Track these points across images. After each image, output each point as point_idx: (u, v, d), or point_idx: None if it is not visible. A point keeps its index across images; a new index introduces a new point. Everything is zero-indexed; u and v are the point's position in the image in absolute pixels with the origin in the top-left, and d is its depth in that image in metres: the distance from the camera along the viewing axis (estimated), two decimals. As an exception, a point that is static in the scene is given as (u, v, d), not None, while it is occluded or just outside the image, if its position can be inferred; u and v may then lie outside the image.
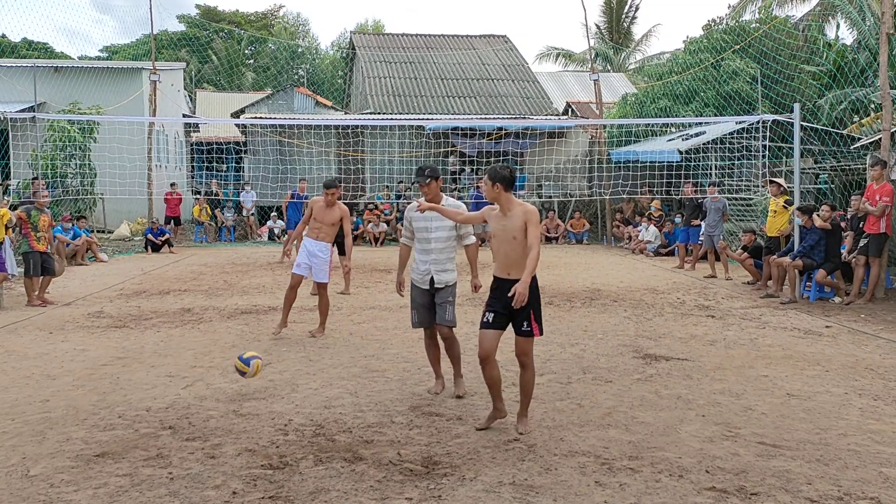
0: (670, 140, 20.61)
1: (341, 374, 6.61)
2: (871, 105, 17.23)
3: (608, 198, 20.70)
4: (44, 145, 18.77)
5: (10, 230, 11.25)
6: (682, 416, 5.35)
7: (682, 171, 17.82)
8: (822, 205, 10.71)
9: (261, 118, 23.44)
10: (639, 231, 18.71)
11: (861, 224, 10.68)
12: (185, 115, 26.36)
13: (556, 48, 42.82)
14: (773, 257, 11.30)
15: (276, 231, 21.65)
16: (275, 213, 21.81)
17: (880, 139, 11.21)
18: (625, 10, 43.86)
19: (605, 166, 21.07)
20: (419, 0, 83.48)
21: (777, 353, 7.42)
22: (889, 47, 11.32)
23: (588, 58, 30.02)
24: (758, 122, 15.12)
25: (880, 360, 7.09)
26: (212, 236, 22.14)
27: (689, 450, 4.65)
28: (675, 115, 20.87)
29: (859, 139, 14.07)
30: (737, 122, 16.92)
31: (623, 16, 43.93)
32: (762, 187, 14.82)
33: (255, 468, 4.37)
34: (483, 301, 5.35)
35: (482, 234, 16.05)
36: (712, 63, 20.78)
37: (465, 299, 9.93)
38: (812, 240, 10.52)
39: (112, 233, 20.65)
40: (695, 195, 14.88)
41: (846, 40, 20.59)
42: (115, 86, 21.82)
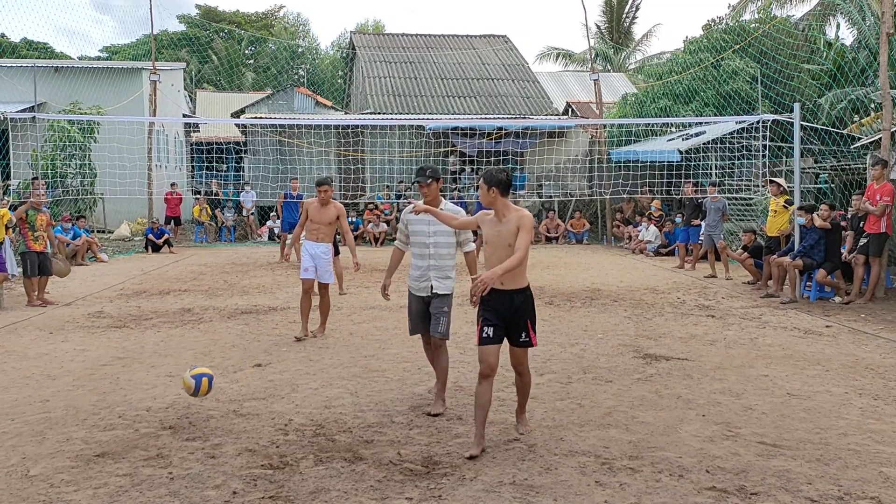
0: (670, 140, 20.61)
1: (341, 374, 6.61)
2: (871, 105, 17.21)
3: (608, 198, 20.70)
4: (44, 145, 18.79)
5: (11, 230, 11.26)
6: (683, 415, 5.35)
7: (683, 171, 17.83)
8: (821, 204, 10.71)
9: (261, 118, 23.45)
10: (639, 231, 18.71)
11: (861, 223, 10.67)
12: (185, 115, 26.36)
13: (557, 48, 42.86)
14: (774, 257, 11.30)
15: (276, 231, 21.62)
16: (274, 213, 21.78)
17: (880, 139, 11.21)
18: (625, 10, 43.89)
19: (605, 166, 21.07)
20: (419, 0, 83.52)
21: (777, 352, 7.42)
22: (889, 47, 11.31)
23: (588, 58, 30.02)
24: (758, 122, 15.13)
25: (880, 360, 7.09)
26: (212, 236, 22.15)
27: (690, 449, 4.65)
28: (675, 115, 20.86)
29: (859, 139, 14.06)
30: (737, 122, 16.92)
31: (623, 16, 43.95)
32: (762, 187, 14.82)
33: (255, 468, 4.37)
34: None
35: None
36: (712, 63, 20.78)
37: (465, 299, 9.91)
38: (812, 239, 10.52)
39: (112, 233, 20.65)
40: (695, 195, 14.88)
41: (846, 40, 20.59)
42: (116, 86, 21.82)
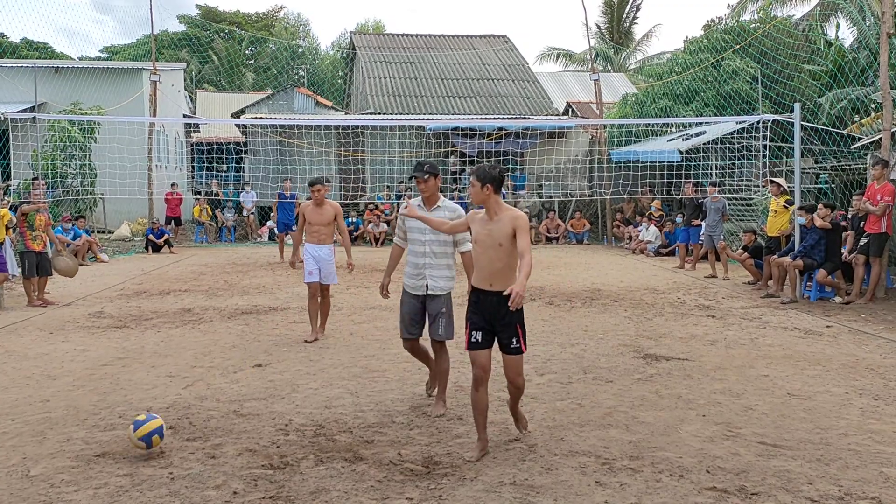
0: (671, 140, 20.61)
1: (342, 374, 6.61)
2: (871, 105, 17.21)
3: (608, 198, 20.70)
4: (44, 146, 18.79)
5: (11, 230, 11.27)
6: (683, 415, 5.35)
7: (683, 171, 17.82)
8: (819, 205, 10.71)
9: (261, 118, 23.45)
10: (639, 231, 18.71)
11: (862, 223, 10.67)
12: (185, 116, 26.37)
13: (557, 48, 42.88)
14: (774, 257, 11.30)
15: (276, 231, 21.61)
16: (274, 213, 21.77)
17: (881, 139, 11.21)
18: (625, 11, 43.89)
19: (605, 166, 21.07)
20: (419, 0, 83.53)
21: (777, 352, 7.42)
22: (889, 47, 11.31)
23: (588, 58, 30.02)
24: (758, 122, 15.12)
25: (881, 360, 7.09)
26: (212, 236, 22.15)
27: (690, 450, 4.65)
28: (676, 115, 20.86)
29: (860, 139, 14.05)
30: (737, 122, 16.92)
31: (623, 16, 43.96)
32: (762, 187, 14.82)
33: (255, 468, 4.37)
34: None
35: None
36: (712, 63, 20.78)
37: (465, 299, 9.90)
38: (812, 239, 10.52)
39: (112, 233, 20.66)
40: (695, 195, 14.88)
41: (846, 40, 20.59)
42: (116, 86, 21.83)
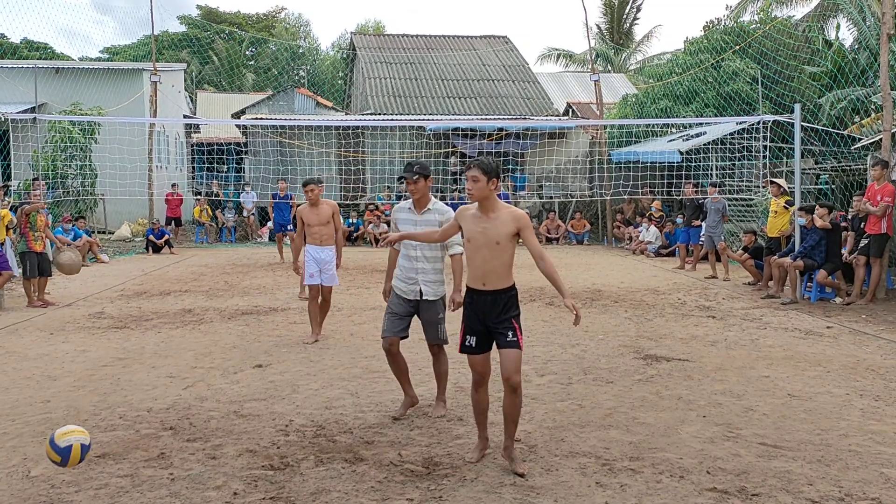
0: (671, 141, 20.62)
1: (342, 374, 6.61)
2: (871, 105, 17.21)
3: (609, 198, 20.70)
4: (45, 146, 18.79)
5: (11, 231, 11.27)
6: (683, 416, 5.35)
7: (683, 172, 17.83)
8: (816, 205, 10.71)
9: (261, 119, 23.45)
10: (639, 232, 18.71)
11: (862, 224, 10.67)
12: (185, 116, 26.37)
13: (557, 49, 42.85)
14: (774, 258, 11.30)
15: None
16: (271, 215, 21.76)
17: (881, 139, 11.21)
18: (625, 11, 43.89)
19: (605, 167, 21.07)
20: (420, 1, 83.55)
21: (778, 353, 7.42)
22: (889, 48, 11.30)
23: (589, 58, 30.01)
24: (758, 123, 15.13)
25: (881, 361, 7.08)
26: (212, 237, 22.15)
27: (690, 450, 4.65)
28: (676, 116, 20.87)
29: (860, 139, 14.06)
30: (737, 123, 16.92)
31: (624, 16, 43.95)
32: (763, 188, 14.82)
33: (255, 469, 4.37)
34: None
35: None
36: (712, 64, 20.78)
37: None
38: (813, 240, 10.52)
39: (113, 234, 20.66)
40: (695, 196, 14.88)
41: (846, 40, 20.59)
42: (116, 87, 21.82)
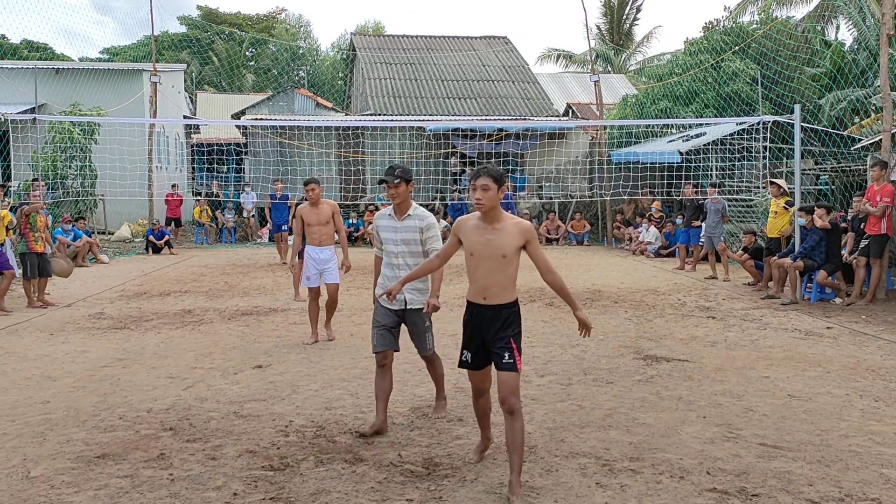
0: (671, 141, 20.63)
1: (342, 375, 6.60)
2: (871, 106, 17.22)
3: (609, 199, 20.70)
4: (44, 147, 18.79)
5: (11, 231, 11.27)
6: (683, 417, 5.35)
7: (683, 172, 17.83)
8: (817, 207, 10.70)
9: (261, 119, 23.45)
10: (639, 232, 18.71)
11: (862, 225, 10.67)
12: (185, 117, 26.36)
13: (557, 49, 42.87)
14: (774, 258, 11.30)
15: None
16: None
17: (881, 140, 11.21)
18: (625, 12, 43.91)
19: (605, 167, 21.07)
20: (420, 1, 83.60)
21: (778, 354, 7.42)
22: (889, 48, 11.31)
23: (588, 59, 30.02)
24: (758, 123, 15.14)
25: (881, 362, 7.08)
26: (212, 237, 22.15)
27: (690, 451, 4.65)
28: (676, 117, 20.88)
29: (860, 140, 14.06)
30: (737, 124, 16.93)
31: (623, 17, 43.97)
32: (763, 188, 14.82)
33: (255, 469, 4.37)
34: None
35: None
36: (712, 64, 20.79)
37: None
38: (813, 241, 10.52)
39: (113, 234, 20.66)
40: (695, 196, 14.88)
41: (846, 41, 20.60)
42: (116, 87, 21.83)
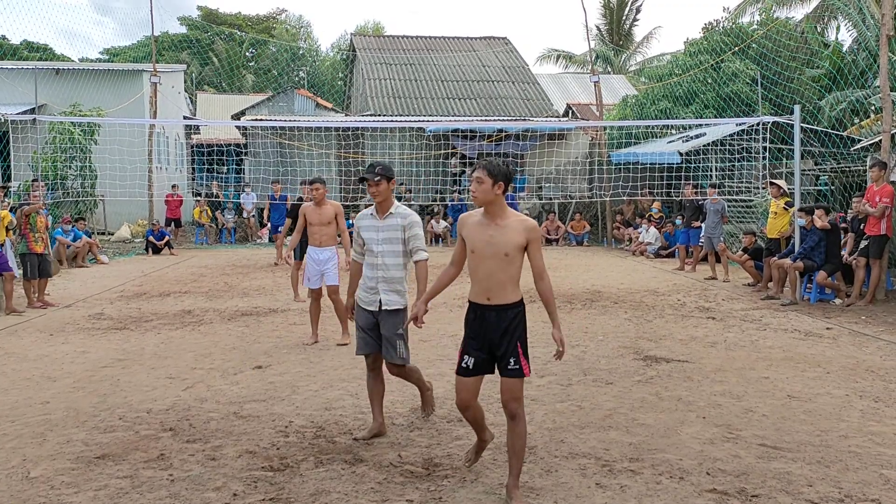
0: (670, 142, 20.63)
1: (342, 375, 6.60)
2: (871, 107, 17.23)
3: (608, 199, 20.70)
4: (44, 147, 18.79)
5: (11, 232, 11.27)
6: (683, 417, 5.35)
7: (683, 173, 17.84)
8: (816, 208, 10.71)
9: (261, 120, 23.45)
10: (639, 233, 18.71)
11: (861, 226, 10.68)
12: (185, 117, 26.37)
13: (557, 50, 42.88)
14: (774, 259, 11.30)
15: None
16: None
17: (880, 141, 11.21)
18: (625, 13, 43.92)
19: (605, 168, 21.08)
20: (420, 2, 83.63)
21: (778, 354, 7.42)
22: (889, 49, 11.31)
23: (588, 59, 30.03)
24: (758, 124, 15.14)
25: (881, 362, 7.09)
26: (212, 238, 22.14)
27: (690, 452, 4.65)
28: (676, 117, 20.87)
29: (859, 141, 14.07)
30: (737, 124, 16.93)
31: (623, 18, 43.98)
32: (762, 189, 14.83)
33: (255, 470, 4.37)
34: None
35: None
36: (712, 65, 20.79)
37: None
38: (812, 241, 10.52)
39: (113, 235, 20.66)
40: (695, 197, 14.89)
41: (846, 42, 20.60)
42: (116, 88, 21.84)
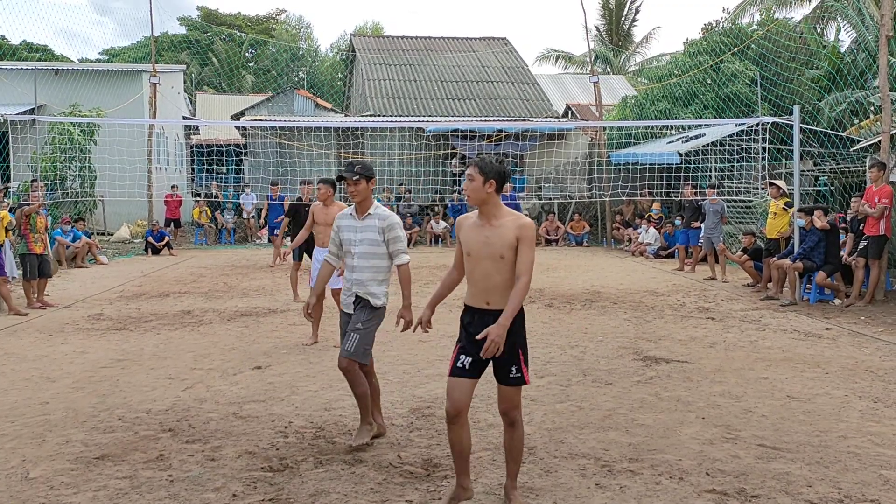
0: (670, 142, 20.63)
1: (341, 376, 6.55)
2: (870, 107, 17.24)
3: (608, 200, 20.70)
4: (44, 148, 18.79)
5: (10, 232, 11.27)
6: (682, 418, 5.35)
7: (682, 173, 17.84)
8: (815, 209, 10.72)
9: (261, 120, 23.45)
10: (639, 233, 18.71)
11: (861, 226, 10.68)
12: (185, 118, 26.36)
13: (556, 50, 42.86)
14: (773, 259, 11.31)
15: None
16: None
17: (880, 141, 11.22)
18: (624, 13, 43.93)
19: (604, 168, 21.08)
20: (420, 2, 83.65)
21: (777, 355, 7.42)
22: (888, 49, 11.32)
23: (588, 60, 30.03)
24: (757, 125, 15.15)
25: (880, 363, 7.09)
26: (211, 238, 22.14)
27: (689, 452, 4.65)
28: (675, 118, 20.87)
29: (859, 141, 14.08)
30: (736, 125, 16.94)
31: (622, 18, 43.99)
32: (762, 189, 14.83)
33: (255, 470, 4.37)
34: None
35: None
36: (711, 65, 20.80)
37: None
38: (812, 242, 10.52)
39: (112, 235, 20.65)
40: (694, 197, 14.89)
41: (845, 43, 20.62)
42: (116, 88, 21.82)
